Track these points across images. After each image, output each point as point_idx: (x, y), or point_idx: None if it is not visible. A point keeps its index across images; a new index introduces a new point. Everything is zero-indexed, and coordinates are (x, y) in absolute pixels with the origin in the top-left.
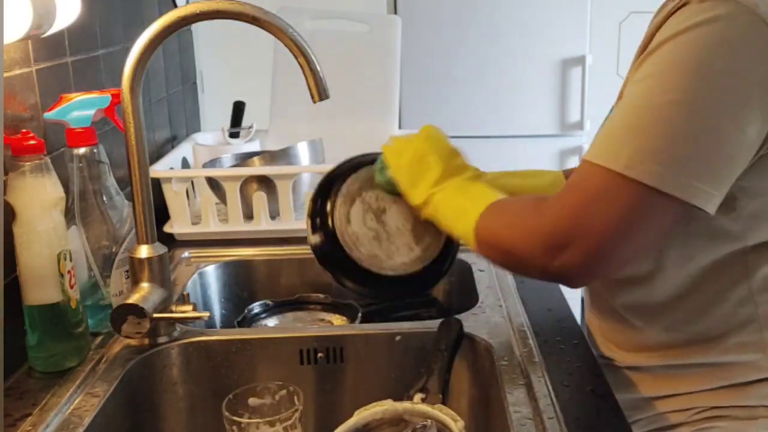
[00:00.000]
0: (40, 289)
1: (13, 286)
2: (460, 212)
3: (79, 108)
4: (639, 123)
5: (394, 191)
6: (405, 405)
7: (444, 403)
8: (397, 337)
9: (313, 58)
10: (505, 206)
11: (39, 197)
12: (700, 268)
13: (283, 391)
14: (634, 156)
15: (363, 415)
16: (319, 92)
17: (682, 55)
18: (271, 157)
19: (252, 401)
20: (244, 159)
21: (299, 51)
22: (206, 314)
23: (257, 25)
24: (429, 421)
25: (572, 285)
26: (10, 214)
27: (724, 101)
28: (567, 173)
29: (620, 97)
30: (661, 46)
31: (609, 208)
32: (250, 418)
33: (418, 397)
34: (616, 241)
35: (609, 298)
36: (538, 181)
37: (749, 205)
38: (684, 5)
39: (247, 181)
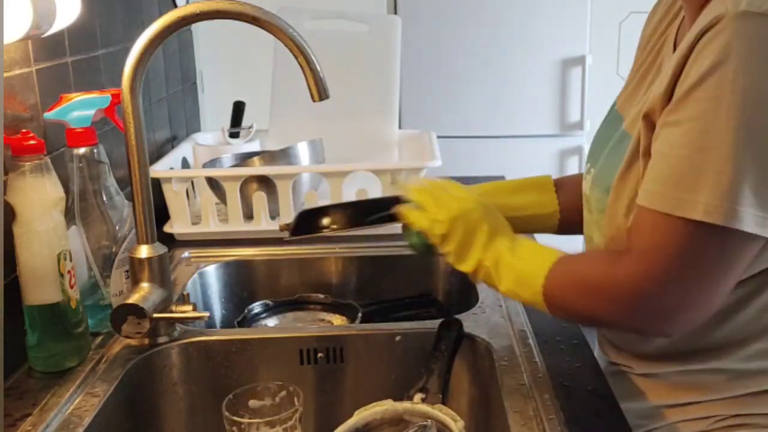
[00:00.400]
0: (40, 289)
1: (13, 286)
2: (522, 278)
3: (79, 108)
4: (708, 165)
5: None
6: (405, 405)
7: (444, 403)
8: (397, 337)
9: (313, 57)
10: (573, 269)
11: (39, 197)
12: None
13: (283, 392)
14: (711, 201)
15: (363, 415)
16: (319, 92)
17: (730, 87)
18: (271, 157)
19: (252, 402)
20: (244, 159)
21: (299, 51)
22: (206, 314)
23: (257, 25)
24: (429, 421)
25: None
26: (10, 214)
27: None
28: (559, 182)
29: (645, 119)
30: (708, 77)
31: (698, 264)
32: (250, 418)
33: (418, 397)
34: (712, 296)
35: None
36: (526, 200)
37: None
38: (715, 24)
39: (247, 181)
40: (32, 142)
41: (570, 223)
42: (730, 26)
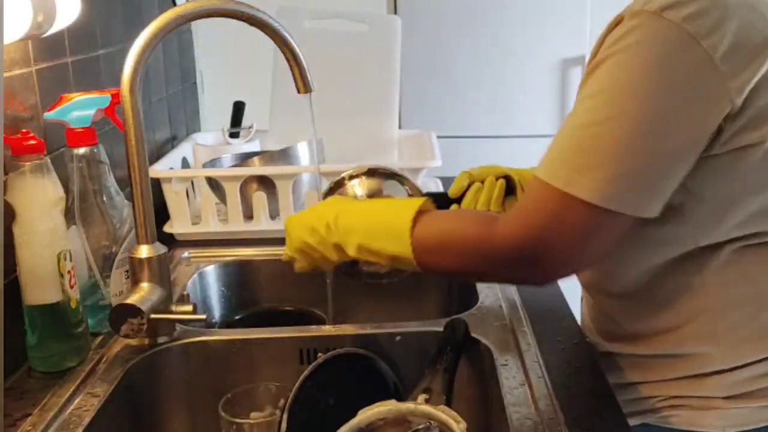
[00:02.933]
0: (40, 289)
1: (13, 286)
2: (384, 229)
3: (79, 108)
4: (578, 141)
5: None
6: (408, 405)
7: (449, 403)
8: (397, 338)
9: (299, 52)
10: (440, 232)
11: (39, 197)
12: (656, 266)
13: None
14: (573, 174)
15: (366, 415)
16: (305, 84)
17: (615, 75)
18: (271, 157)
19: (250, 402)
20: (244, 159)
21: (286, 46)
22: (203, 317)
23: (250, 23)
24: (430, 422)
25: (536, 285)
26: (10, 214)
27: (658, 117)
28: None
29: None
30: (600, 66)
31: (564, 227)
32: (248, 418)
33: (421, 397)
34: (574, 254)
35: (589, 290)
36: None
37: (697, 210)
38: (619, 22)
39: (247, 181)
40: (32, 142)
41: None
42: (626, 24)
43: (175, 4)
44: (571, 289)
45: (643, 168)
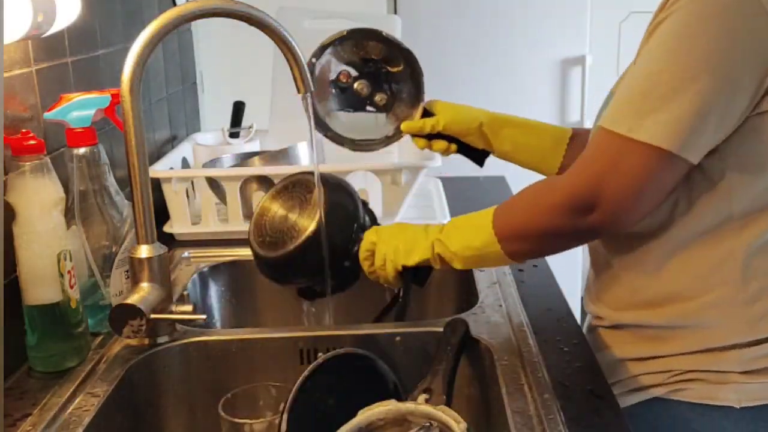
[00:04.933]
0: (40, 289)
1: (13, 286)
2: (471, 230)
3: (79, 108)
4: (640, 89)
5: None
6: (408, 406)
7: (449, 404)
8: (397, 338)
9: (299, 52)
10: (513, 202)
11: (39, 197)
12: (688, 233)
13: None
14: (635, 119)
15: (366, 415)
16: (305, 84)
17: (676, 28)
18: (271, 157)
19: (250, 402)
20: (244, 159)
21: (286, 46)
22: (202, 317)
23: (249, 23)
24: (430, 422)
25: (600, 237)
26: (10, 214)
27: (717, 64)
28: (576, 133)
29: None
30: (663, 23)
31: (621, 171)
32: (248, 418)
33: (422, 397)
34: (629, 199)
35: (608, 253)
36: (532, 143)
37: (732, 177)
38: None
39: (247, 181)
40: (32, 142)
41: None
42: None
43: (175, 4)
44: (572, 289)
45: (700, 111)
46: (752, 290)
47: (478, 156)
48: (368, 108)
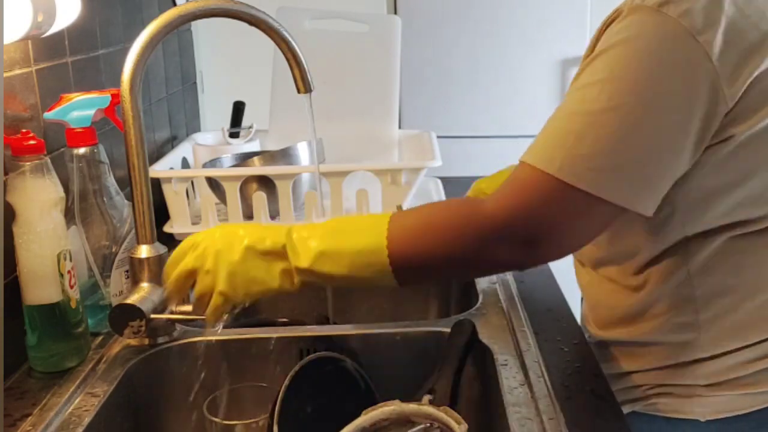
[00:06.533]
0: (40, 289)
1: (13, 286)
2: (357, 234)
3: (79, 108)
4: (573, 128)
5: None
6: (411, 406)
7: (454, 404)
8: (397, 338)
9: (299, 53)
10: (423, 211)
11: (39, 197)
12: (644, 255)
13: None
14: (566, 160)
15: (370, 414)
16: (305, 84)
17: (613, 67)
18: (271, 157)
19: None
20: (244, 159)
21: (287, 46)
22: (203, 317)
23: (250, 23)
24: (431, 422)
25: (522, 268)
26: (10, 214)
27: (655, 110)
28: None
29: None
30: (598, 57)
31: (556, 210)
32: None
33: (425, 398)
34: (565, 236)
35: (587, 274)
36: None
37: (684, 200)
38: (618, 16)
39: (247, 181)
40: (32, 142)
41: None
42: (626, 19)
43: (175, 4)
44: (571, 289)
45: (638, 160)
46: (715, 308)
47: None
48: None
